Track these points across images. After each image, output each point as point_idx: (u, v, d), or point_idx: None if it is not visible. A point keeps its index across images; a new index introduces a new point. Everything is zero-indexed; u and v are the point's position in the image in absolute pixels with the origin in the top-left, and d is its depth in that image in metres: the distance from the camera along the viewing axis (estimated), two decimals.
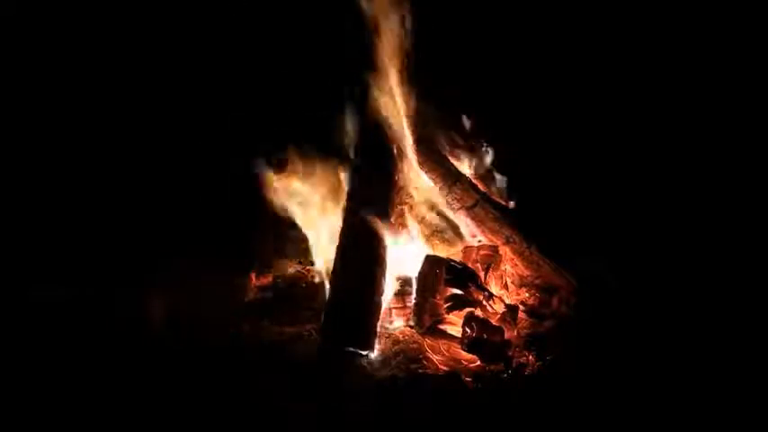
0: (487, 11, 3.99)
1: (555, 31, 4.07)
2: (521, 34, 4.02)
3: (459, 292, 2.74)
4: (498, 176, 3.42)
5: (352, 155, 3.21)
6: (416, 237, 3.15)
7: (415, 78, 3.21)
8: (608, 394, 2.25)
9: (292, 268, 3.25)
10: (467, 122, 3.45)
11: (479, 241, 3.13)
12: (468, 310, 2.69)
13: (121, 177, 3.75)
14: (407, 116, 3.29)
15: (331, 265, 2.93)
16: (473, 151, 3.40)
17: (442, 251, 3.10)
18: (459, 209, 3.10)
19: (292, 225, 3.22)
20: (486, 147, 3.42)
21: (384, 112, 3.23)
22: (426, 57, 3.20)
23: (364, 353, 2.60)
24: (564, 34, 4.05)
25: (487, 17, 4.01)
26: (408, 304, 2.89)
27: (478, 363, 2.53)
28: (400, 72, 3.17)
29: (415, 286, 2.85)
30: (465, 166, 3.36)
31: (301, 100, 3.76)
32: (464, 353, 2.58)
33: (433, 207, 3.24)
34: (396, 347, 2.71)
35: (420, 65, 3.20)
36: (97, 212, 3.52)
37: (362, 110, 3.26)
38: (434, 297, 2.75)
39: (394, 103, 3.23)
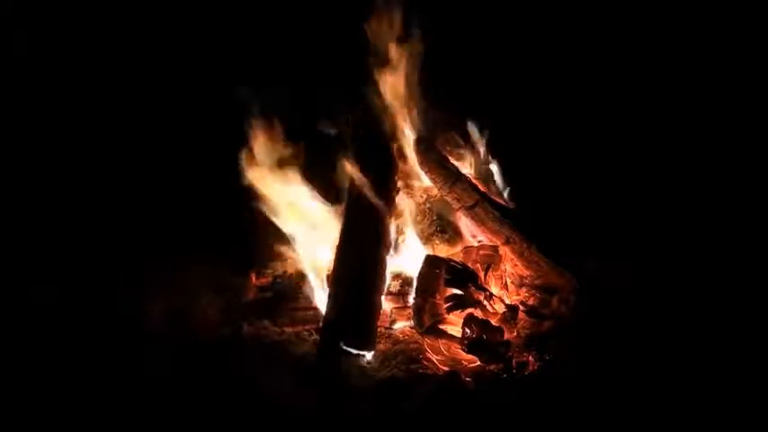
0: (488, 11, 3.99)
1: (555, 32, 4.07)
2: (521, 35, 4.03)
3: (459, 292, 2.74)
4: (498, 176, 3.43)
5: (351, 155, 3.21)
6: (416, 237, 3.15)
7: (416, 79, 3.21)
8: (608, 394, 2.25)
9: (292, 268, 3.24)
10: (467, 123, 3.45)
11: (479, 241, 3.13)
12: (468, 310, 2.69)
13: (121, 177, 3.75)
14: (408, 116, 3.30)
15: (330, 266, 2.93)
16: (473, 151, 3.40)
17: (442, 251, 3.10)
18: (459, 209, 3.10)
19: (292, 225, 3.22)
20: (487, 147, 3.42)
21: (384, 113, 3.23)
22: (427, 57, 3.20)
23: (364, 353, 2.60)
24: (565, 35, 4.06)
25: (488, 17, 4.01)
26: (408, 304, 2.90)
27: (478, 363, 2.53)
28: (401, 72, 3.18)
29: (415, 286, 2.85)
30: (465, 167, 3.36)
31: (299, 100, 3.76)
32: (464, 353, 2.58)
33: (432, 207, 3.24)
34: (396, 347, 2.71)
35: (421, 65, 3.20)
36: (96, 212, 3.52)
37: (362, 110, 3.26)
38: (434, 297, 2.75)
39: (394, 104, 3.24)
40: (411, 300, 2.86)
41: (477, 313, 2.68)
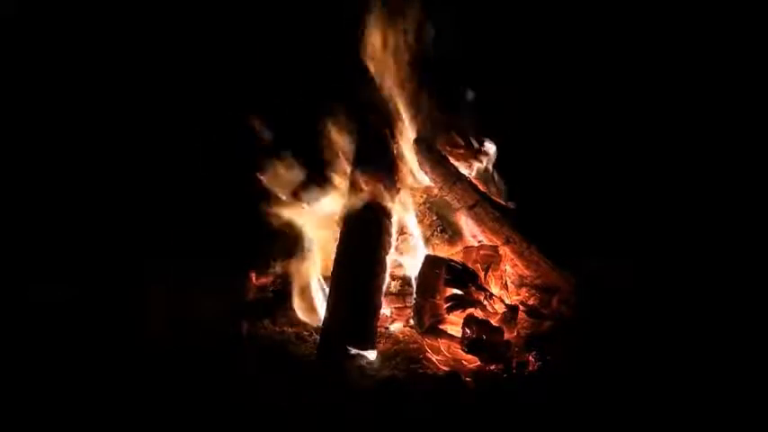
0: (489, 11, 3.99)
1: (555, 31, 4.07)
2: (521, 34, 4.02)
3: (459, 292, 2.74)
4: (498, 176, 3.43)
5: (352, 156, 3.21)
6: (416, 237, 3.15)
7: (416, 79, 3.21)
8: (608, 394, 2.25)
9: (292, 268, 3.24)
10: (467, 123, 3.45)
11: (479, 241, 3.13)
12: (468, 310, 2.69)
13: (121, 177, 3.75)
14: (408, 116, 3.30)
15: (331, 265, 2.93)
16: (473, 151, 3.40)
17: (442, 251, 3.10)
18: (459, 209, 3.10)
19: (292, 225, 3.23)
20: (487, 147, 3.42)
21: (384, 113, 3.23)
22: (427, 57, 3.20)
23: (364, 353, 2.60)
24: (565, 35, 4.06)
25: (488, 17, 4.01)
26: (408, 304, 2.89)
27: (478, 363, 2.53)
28: (401, 72, 3.18)
29: (415, 286, 2.85)
30: (465, 167, 3.36)
31: (298, 101, 3.76)
32: (464, 353, 2.58)
33: (432, 207, 3.24)
34: (396, 347, 2.71)
35: (421, 65, 3.20)
36: (97, 212, 3.52)
37: (362, 111, 3.26)
38: (434, 297, 2.74)
39: (394, 104, 3.24)
40: (411, 300, 2.86)
41: (478, 313, 2.68)
